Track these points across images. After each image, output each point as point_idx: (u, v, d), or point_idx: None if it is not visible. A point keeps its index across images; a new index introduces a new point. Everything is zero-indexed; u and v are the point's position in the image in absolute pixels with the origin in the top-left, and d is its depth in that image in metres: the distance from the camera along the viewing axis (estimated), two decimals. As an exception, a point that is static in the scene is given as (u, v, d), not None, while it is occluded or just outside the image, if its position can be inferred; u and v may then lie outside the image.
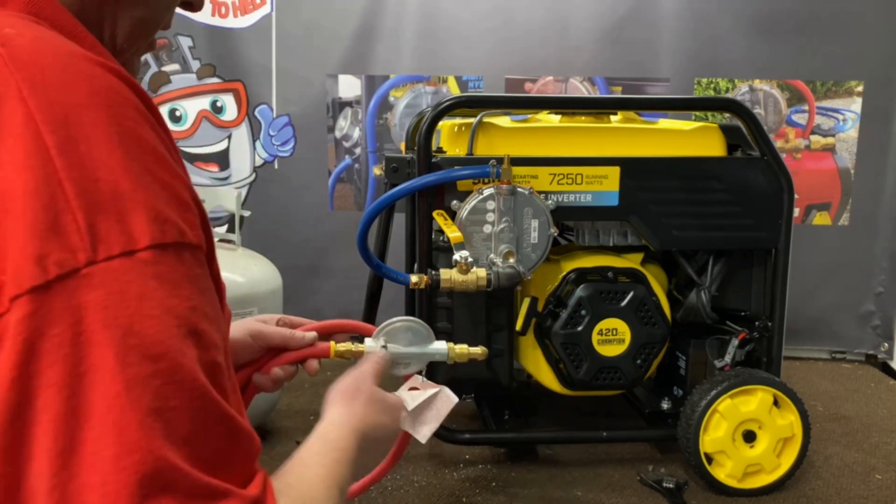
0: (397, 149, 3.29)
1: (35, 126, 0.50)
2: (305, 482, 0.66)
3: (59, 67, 0.53)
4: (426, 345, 1.00)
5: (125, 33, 0.66)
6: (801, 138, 3.28)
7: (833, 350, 3.37)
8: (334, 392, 0.87)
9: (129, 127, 0.54)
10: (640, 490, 2.10)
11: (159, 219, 0.52)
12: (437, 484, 2.13)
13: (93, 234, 0.49)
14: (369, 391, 0.88)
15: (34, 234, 0.49)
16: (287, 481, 0.64)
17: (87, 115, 0.52)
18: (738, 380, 2.05)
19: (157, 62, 3.35)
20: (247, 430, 0.56)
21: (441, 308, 2.13)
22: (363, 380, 0.91)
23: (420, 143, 2.03)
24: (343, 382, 0.88)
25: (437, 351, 1.00)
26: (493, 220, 1.98)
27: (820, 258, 3.25)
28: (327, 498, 0.66)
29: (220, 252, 2.65)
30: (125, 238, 0.50)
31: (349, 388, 0.88)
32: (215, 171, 3.41)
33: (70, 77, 0.53)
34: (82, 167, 0.50)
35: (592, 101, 2.63)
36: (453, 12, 3.25)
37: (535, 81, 3.31)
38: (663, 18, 3.22)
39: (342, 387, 0.88)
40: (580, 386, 2.14)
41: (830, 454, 2.35)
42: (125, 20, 0.66)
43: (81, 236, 0.49)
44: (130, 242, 0.50)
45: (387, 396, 0.90)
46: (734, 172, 2.14)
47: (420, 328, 1.00)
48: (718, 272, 2.23)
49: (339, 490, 0.68)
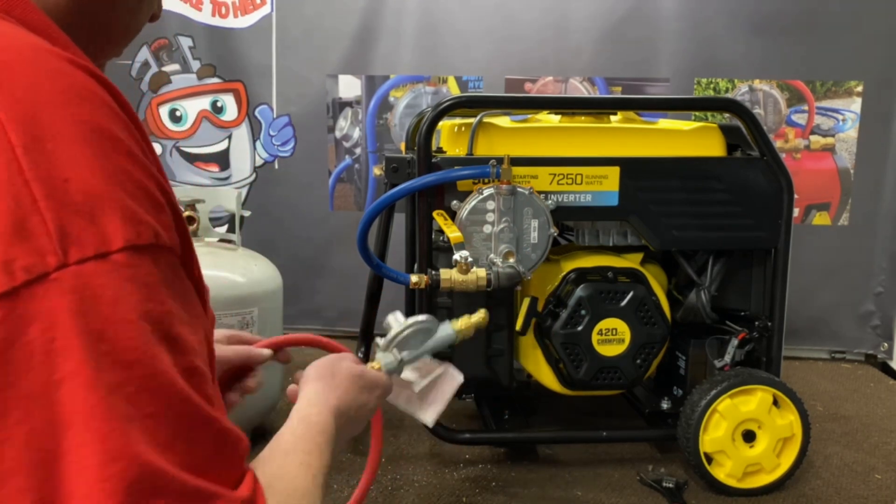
0: (397, 149, 3.29)
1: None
2: (290, 473, 0.65)
3: (26, 63, 0.51)
4: (435, 335, 1.00)
5: (100, 39, 0.65)
6: (801, 138, 3.29)
7: (833, 350, 3.38)
8: (312, 369, 0.86)
9: (100, 124, 0.51)
10: (639, 490, 2.10)
11: (134, 220, 0.50)
12: (437, 484, 2.13)
13: (63, 237, 0.47)
14: (347, 368, 0.87)
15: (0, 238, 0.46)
16: (272, 472, 0.63)
17: (55, 113, 0.50)
18: (737, 380, 2.05)
19: (157, 62, 3.35)
20: (233, 431, 0.55)
21: (441, 308, 2.13)
22: (343, 357, 0.90)
23: (420, 143, 2.03)
24: (322, 360, 0.88)
25: (447, 337, 1.00)
26: (493, 220, 1.98)
27: (820, 258, 3.26)
28: (312, 487, 0.65)
29: (220, 252, 2.64)
30: (98, 240, 0.48)
31: (327, 365, 0.87)
32: (215, 171, 3.41)
33: (37, 73, 0.51)
34: (50, 167, 0.48)
35: (592, 101, 2.63)
36: (453, 12, 3.25)
37: (535, 82, 3.31)
38: (663, 18, 3.22)
39: (320, 363, 0.87)
40: (580, 386, 2.14)
41: (830, 454, 2.35)
42: (98, 25, 0.64)
43: (50, 239, 0.46)
44: (104, 244, 0.48)
45: (366, 372, 0.89)
46: (734, 172, 2.14)
47: (426, 324, 0.99)
48: (718, 272, 2.24)
49: (322, 476, 0.68)
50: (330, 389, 0.82)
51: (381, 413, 0.96)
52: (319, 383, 0.83)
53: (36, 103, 0.49)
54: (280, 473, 0.64)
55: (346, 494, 2.04)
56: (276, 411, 2.48)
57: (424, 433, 2.34)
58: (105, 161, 0.50)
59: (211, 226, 2.49)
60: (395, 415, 2.58)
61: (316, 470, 0.68)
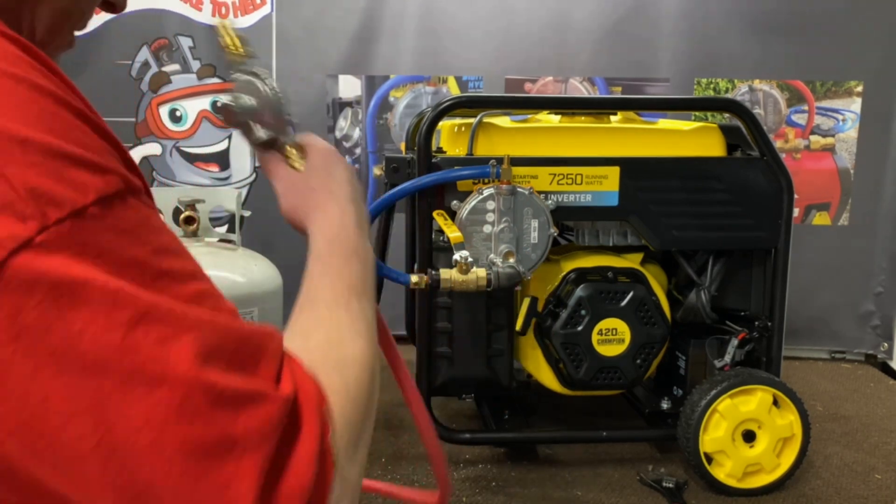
0: (397, 149, 3.29)
1: None
2: (334, 338, 0.62)
3: None
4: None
5: (45, 25, 0.62)
6: (801, 138, 3.29)
7: (833, 350, 3.38)
8: (309, 190, 0.77)
9: (36, 82, 0.49)
10: (639, 490, 2.10)
11: (98, 170, 0.49)
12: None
13: (36, 200, 0.45)
14: (343, 172, 0.78)
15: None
16: (316, 346, 0.60)
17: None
18: (737, 380, 2.05)
19: (157, 62, 3.35)
20: (261, 329, 0.54)
21: (441, 308, 2.13)
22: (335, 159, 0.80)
23: (420, 143, 2.03)
24: (320, 155, 0.78)
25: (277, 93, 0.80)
26: (493, 220, 1.98)
27: (819, 258, 3.26)
28: (362, 349, 0.63)
29: (220, 252, 2.64)
30: (70, 197, 0.47)
31: (324, 179, 0.77)
32: (216, 171, 3.41)
33: None
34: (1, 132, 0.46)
35: (592, 101, 2.64)
36: (453, 12, 3.25)
37: (535, 82, 3.31)
38: (663, 18, 3.22)
39: (321, 158, 0.78)
40: (580, 386, 2.14)
41: (830, 454, 2.35)
42: (45, 11, 0.62)
43: (25, 204, 0.45)
44: (78, 200, 0.47)
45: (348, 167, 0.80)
46: (734, 172, 2.14)
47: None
48: (718, 272, 2.24)
49: (367, 328, 0.65)
50: (347, 213, 0.75)
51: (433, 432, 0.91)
52: (335, 206, 0.76)
53: None
54: (324, 344, 0.61)
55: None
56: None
57: (424, 433, 2.33)
58: (52, 118, 0.49)
59: (211, 226, 2.49)
60: (395, 415, 2.58)
61: (360, 325, 0.65)
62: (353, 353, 0.62)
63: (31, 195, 0.45)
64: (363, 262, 0.72)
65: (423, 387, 2.14)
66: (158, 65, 3.35)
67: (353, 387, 0.58)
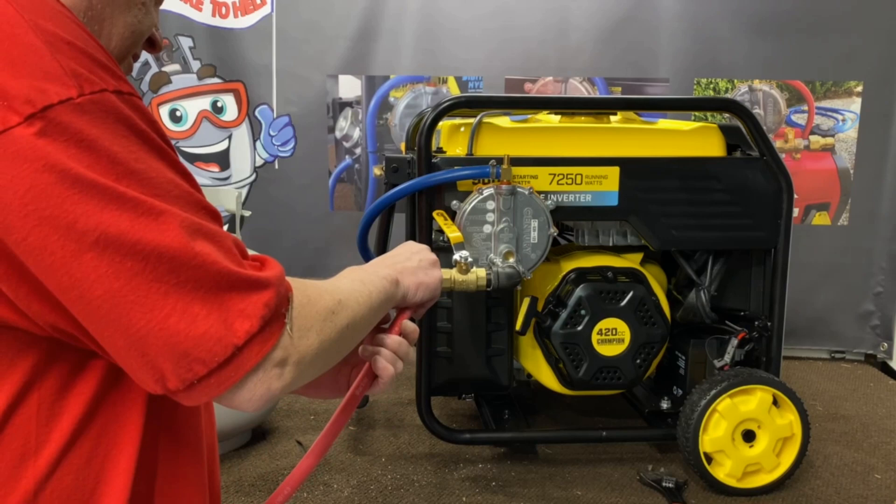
0: (397, 149, 3.29)
1: None
2: (330, 283, 0.81)
3: None
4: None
5: (119, 35, 0.77)
6: (801, 138, 3.29)
7: (832, 350, 3.38)
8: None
9: (76, 18, 0.67)
10: (639, 490, 2.11)
11: (119, 77, 0.65)
12: (437, 483, 2.13)
13: (76, 77, 0.62)
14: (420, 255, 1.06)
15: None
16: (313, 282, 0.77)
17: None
18: (737, 379, 2.05)
19: (157, 62, 3.35)
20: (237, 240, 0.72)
21: (441, 308, 2.14)
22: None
23: (420, 143, 2.03)
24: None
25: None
26: (492, 220, 1.98)
27: (819, 258, 3.26)
28: (346, 291, 0.79)
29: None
30: (99, 82, 0.63)
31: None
32: (216, 171, 3.41)
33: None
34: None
35: (592, 102, 2.64)
36: (453, 13, 3.26)
37: (534, 82, 3.31)
38: (663, 19, 3.22)
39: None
40: (580, 385, 2.15)
41: (830, 454, 2.36)
42: (120, 24, 0.76)
43: (70, 79, 0.61)
44: (107, 84, 0.64)
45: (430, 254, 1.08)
46: (733, 173, 2.14)
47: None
48: (718, 272, 2.24)
49: (361, 293, 0.83)
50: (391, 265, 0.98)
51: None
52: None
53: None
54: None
55: (347, 494, 2.05)
56: (276, 411, 2.49)
57: (424, 433, 2.34)
58: (88, 37, 0.66)
59: (211, 226, 2.49)
60: (396, 414, 2.58)
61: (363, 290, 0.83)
62: (336, 286, 0.80)
63: (73, 74, 0.62)
64: (367, 277, 0.90)
65: (423, 387, 2.14)
66: (158, 65, 3.35)
67: (314, 296, 0.73)
